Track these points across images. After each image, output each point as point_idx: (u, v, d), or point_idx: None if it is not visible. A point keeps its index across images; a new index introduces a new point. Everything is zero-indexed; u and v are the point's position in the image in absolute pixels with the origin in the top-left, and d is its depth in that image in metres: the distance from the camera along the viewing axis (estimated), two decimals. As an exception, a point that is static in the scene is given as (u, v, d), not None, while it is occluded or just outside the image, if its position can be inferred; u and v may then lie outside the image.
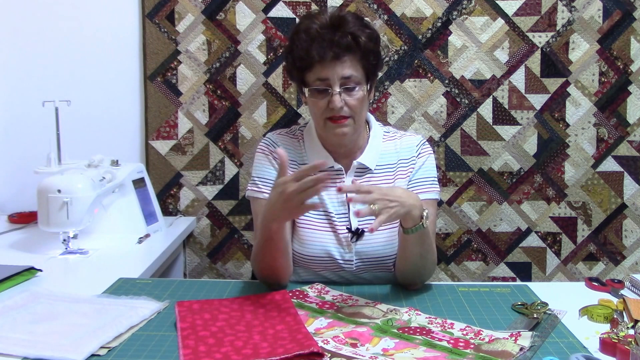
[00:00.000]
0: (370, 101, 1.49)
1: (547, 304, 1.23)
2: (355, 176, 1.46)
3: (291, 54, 1.41)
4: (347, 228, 1.44)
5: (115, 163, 1.93)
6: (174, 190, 2.25)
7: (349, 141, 1.44)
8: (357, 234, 1.43)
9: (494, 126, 2.22)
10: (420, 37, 2.19)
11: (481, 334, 1.10)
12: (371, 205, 1.19)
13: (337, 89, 1.35)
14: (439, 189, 1.50)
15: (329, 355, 1.00)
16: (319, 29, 1.36)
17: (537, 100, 2.21)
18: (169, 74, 2.21)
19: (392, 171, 1.48)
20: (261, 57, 2.20)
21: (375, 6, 2.18)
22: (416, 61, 2.21)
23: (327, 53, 1.34)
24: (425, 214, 1.28)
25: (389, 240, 1.45)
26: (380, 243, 1.44)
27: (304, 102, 1.49)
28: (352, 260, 1.44)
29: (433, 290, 1.37)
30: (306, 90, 1.39)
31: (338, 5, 2.17)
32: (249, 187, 1.49)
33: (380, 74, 2.15)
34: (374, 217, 1.44)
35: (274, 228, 1.28)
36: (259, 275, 1.39)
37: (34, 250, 1.72)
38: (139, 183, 1.98)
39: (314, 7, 2.17)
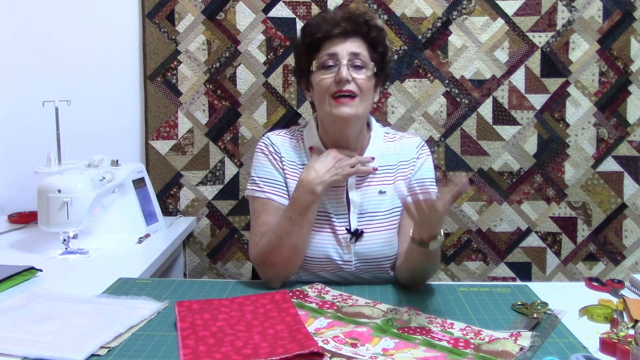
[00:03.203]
0: (375, 101, 1.49)
1: (547, 304, 1.23)
2: (357, 176, 1.45)
3: (302, 38, 1.45)
4: (346, 229, 1.44)
5: (115, 163, 1.92)
6: (174, 190, 2.25)
7: (351, 131, 1.43)
8: (356, 234, 1.43)
9: (494, 126, 2.22)
10: (420, 37, 2.20)
11: (481, 334, 1.10)
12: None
13: (345, 62, 1.37)
14: (437, 190, 1.50)
15: (329, 355, 1.00)
16: (332, 15, 1.43)
17: (537, 100, 2.21)
18: (169, 74, 2.21)
19: (392, 172, 1.48)
20: (261, 57, 2.20)
21: (375, 6, 2.18)
22: (416, 61, 2.21)
23: (337, 28, 1.39)
24: (442, 232, 1.28)
25: (388, 241, 1.45)
26: (379, 243, 1.44)
27: (309, 97, 1.49)
28: (351, 261, 1.44)
29: (433, 290, 1.37)
30: (314, 65, 1.40)
31: (338, 5, 2.17)
32: (248, 187, 1.49)
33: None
34: (373, 219, 1.44)
35: (319, 192, 1.35)
36: (271, 266, 1.38)
37: (34, 250, 1.72)
38: (139, 183, 1.98)
39: (314, 7, 2.17)
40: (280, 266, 1.38)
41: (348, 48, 1.38)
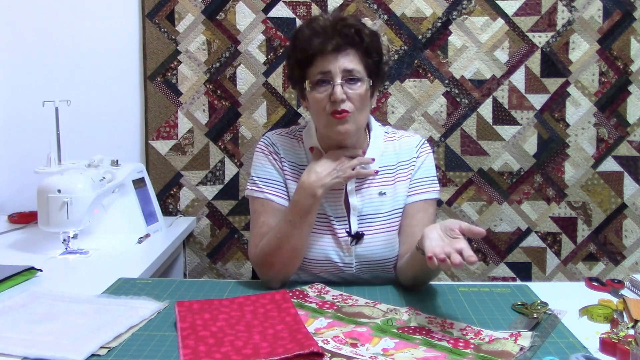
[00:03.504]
0: (373, 106, 1.48)
1: (547, 304, 1.23)
2: (356, 178, 1.45)
3: (293, 51, 1.41)
4: (346, 231, 1.43)
5: (115, 163, 1.93)
6: (174, 190, 2.25)
7: (350, 142, 1.43)
8: (357, 237, 1.43)
9: (494, 126, 2.22)
10: (420, 37, 2.20)
11: (481, 334, 1.10)
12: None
13: (339, 81, 1.34)
14: (438, 189, 1.50)
15: (329, 355, 1.00)
16: (322, 25, 1.38)
17: (537, 100, 2.21)
18: (169, 74, 2.21)
19: (392, 172, 1.47)
20: (261, 57, 2.20)
21: (375, 6, 2.18)
22: (416, 61, 2.21)
23: (329, 44, 1.34)
24: None
25: (389, 243, 1.44)
26: (380, 246, 1.44)
27: (305, 106, 1.48)
28: (352, 264, 1.44)
29: (433, 290, 1.37)
30: (307, 85, 1.38)
31: (338, 5, 2.17)
32: (248, 187, 1.48)
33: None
34: (374, 221, 1.44)
35: (319, 195, 1.35)
36: (270, 267, 1.38)
37: (34, 250, 1.71)
38: (139, 183, 1.98)
39: (314, 7, 2.17)
40: (280, 267, 1.38)
41: (341, 65, 1.34)
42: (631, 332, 1.07)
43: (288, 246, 1.36)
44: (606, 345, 1.04)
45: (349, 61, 1.35)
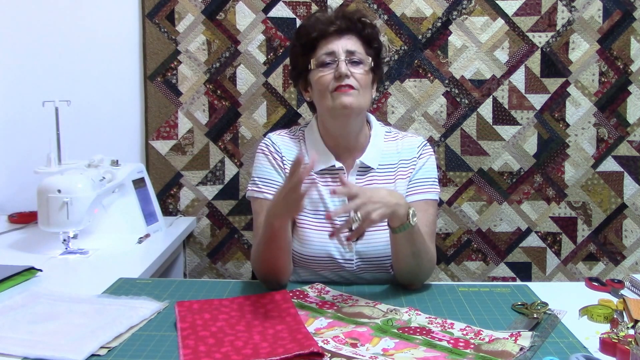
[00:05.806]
0: (373, 97, 1.50)
1: (547, 304, 1.23)
2: (357, 175, 1.46)
3: (297, 39, 1.47)
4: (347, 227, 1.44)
5: (115, 163, 1.92)
6: (174, 190, 2.25)
7: (352, 126, 1.44)
8: None
9: (494, 126, 2.22)
10: (420, 37, 2.20)
11: (481, 334, 1.10)
12: (352, 214, 1.20)
13: (343, 58, 1.39)
14: (439, 190, 1.50)
15: (329, 355, 1.00)
16: (326, 15, 1.45)
17: (537, 100, 2.21)
18: (169, 74, 2.21)
19: (393, 171, 1.48)
20: (261, 57, 2.20)
21: (375, 6, 2.18)
22: (416, 61, 2.21)
23: (332, 27, 1.41)
24: (411, 211, 1.27)
25: (389, 241, 1.44)
26: (381, 243, 1.44)
27: (307, 97, 1.50)
28: (353, 260, 1.44)
29: (433, 290, 1.37)
30: (313, 64, 1.42)
31: (338, 5, 2.17)
32: (249, 187, 1.49)
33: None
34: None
35: (277, 225, 1.28)
36: (259, 274, 1.39)
37: (34, 250, 1.71)
38: (139, 183, 1.98)
39: (314, 7, 2.17)
40: (267, 274, 1.38)
41: (344, 45, 1.41)
42: (631, 332, 1.07)
43: (265, 260, 1.35)
44: (606, 345, 1.04)
45: (352, 44, 1.42)
